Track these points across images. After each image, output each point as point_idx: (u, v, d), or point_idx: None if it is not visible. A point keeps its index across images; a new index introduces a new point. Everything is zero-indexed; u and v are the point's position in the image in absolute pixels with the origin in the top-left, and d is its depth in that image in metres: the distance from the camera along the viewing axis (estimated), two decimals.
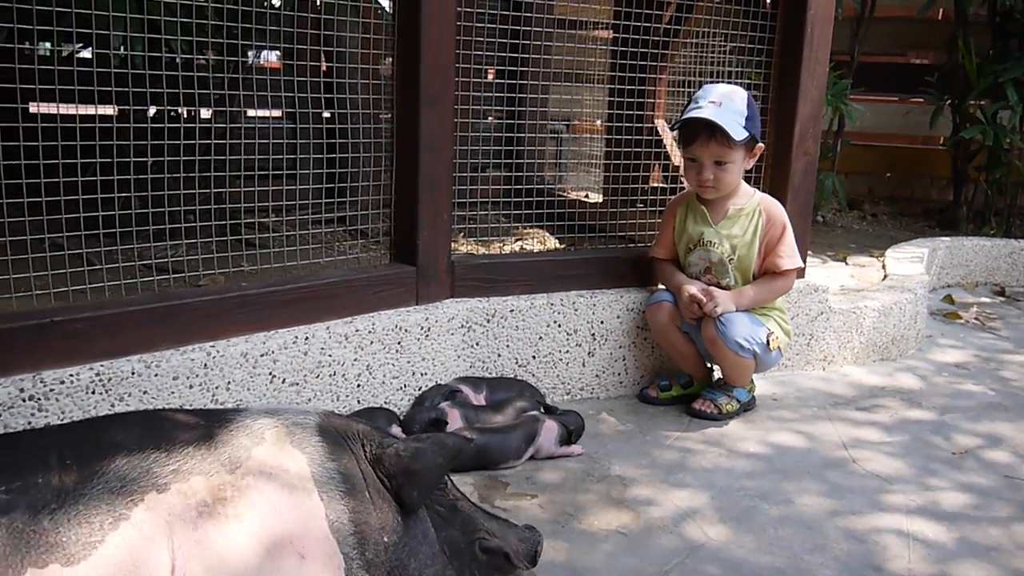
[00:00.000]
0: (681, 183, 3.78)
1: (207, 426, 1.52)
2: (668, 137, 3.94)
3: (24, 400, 1.86)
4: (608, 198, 3.93)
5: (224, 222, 2.71)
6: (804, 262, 2.94)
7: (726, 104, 2.60)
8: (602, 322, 2.80)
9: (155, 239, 2.53)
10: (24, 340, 1.90)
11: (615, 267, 2.91)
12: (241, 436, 1.51)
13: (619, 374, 2.87)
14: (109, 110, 3.40)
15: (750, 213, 2.73)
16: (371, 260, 2.87)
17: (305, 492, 1.48)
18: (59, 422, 1.91)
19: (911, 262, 4.03)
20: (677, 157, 3.90)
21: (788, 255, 2.72)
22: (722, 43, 3.69)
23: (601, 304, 2.80)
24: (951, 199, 5.71)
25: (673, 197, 2.99)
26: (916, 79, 5.68)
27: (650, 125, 3.92)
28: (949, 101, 5.47)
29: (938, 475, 2.41)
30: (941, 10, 6.19)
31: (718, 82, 2.81)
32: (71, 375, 1.92)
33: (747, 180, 2.84)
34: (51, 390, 1.89)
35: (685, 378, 2.85)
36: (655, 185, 3.95)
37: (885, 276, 3.84)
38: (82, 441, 1.41)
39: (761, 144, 2.73)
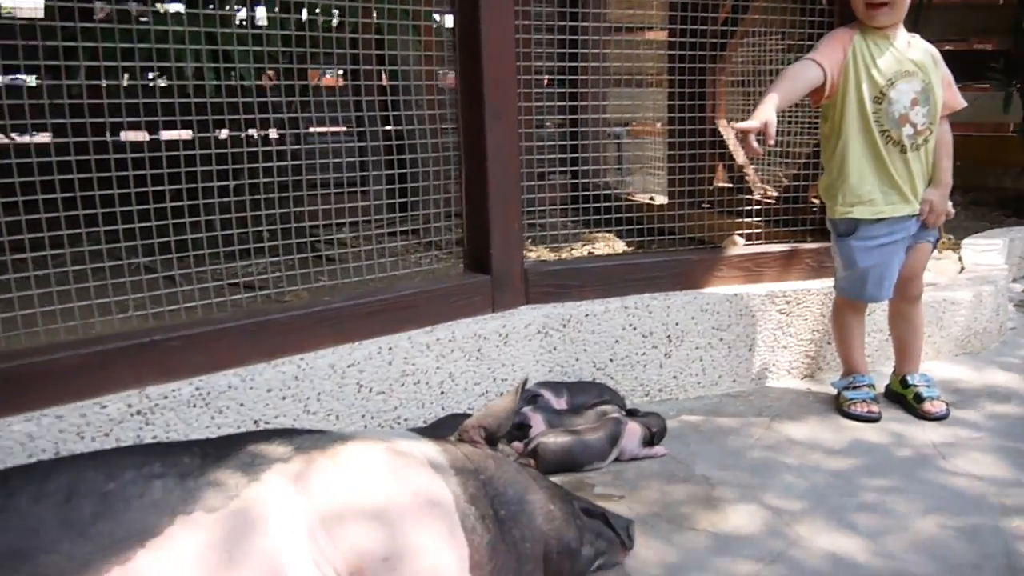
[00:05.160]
0: (746, 182, 3.78)
1: (323, 431, 1.80)
2: (731, 136, 3.93)
3: (132, 415, 1.94)
4: (674, 200, 3.93)
5: (303, 240, 2.77)
6: None
7: None
8: (677, 324, 2.80)
9: (237, 258, 2.61)
10: (128, 358, 1.98)
11: (687, 269, 2.91)
12: (355, 435, 1.76)
13: (696, 375, 2.87)
14: (186, 135, 3.52)
15: (925, 47, 2.61)
16: (445, 270, 2.93)
17: (409, 450, 1.72)
18: (164, 435, 1.98)
19: (989, 253, 3.94)
20: (741, 156, 3.89)
21: (958, 91, 2.67)
22: (779, 40, 3.68)
23: (675, 306, 2.80)
24: None
25: (831, 32, 2.66)
26: (981, 65, 5.56)
27: (711, 126, 3.92)
28: (1017, 86, 5.34)
29: None
30: None
31: None
32: (173, 390, 2.00)
33: None
34: (156, 405, 1.97)
35: (866, 379, 2.78)
36: (720, 185, 3.94)
37: (962, 268, 3.76)
38: (221, 440, 1.69)
39: None
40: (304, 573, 1.48)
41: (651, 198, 4.32)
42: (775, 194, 3.65)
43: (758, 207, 3.34)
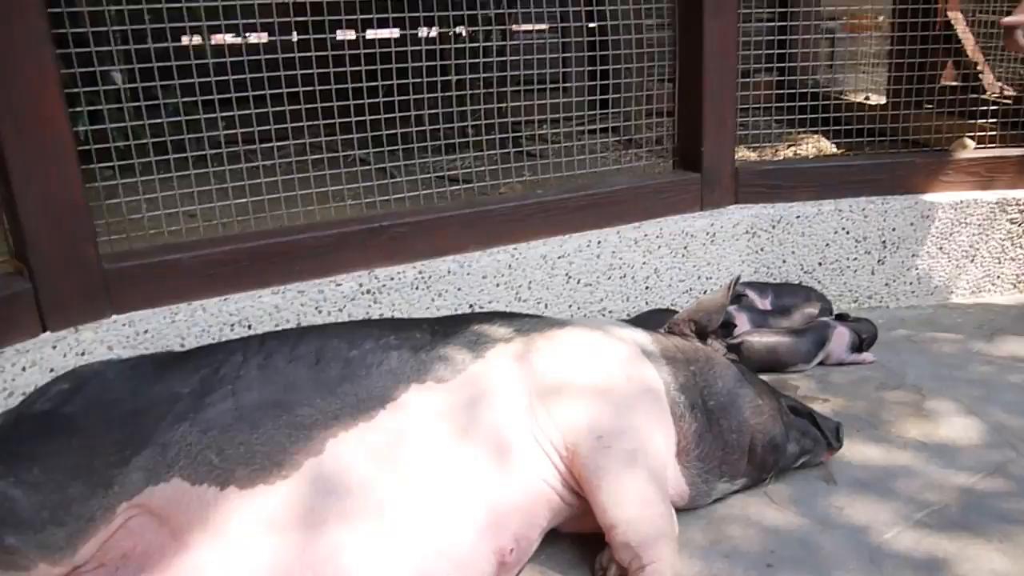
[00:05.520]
0: (979, 80, 3.48)
1: (540, 315, 1.93)
2: (963, 29, 3.60)
3: (362, 293, 2.11)
4: (893, 100, 3.69)
5: (509, 135, 2.84)
6: None
7: None
8: (894, 229, 2.68)
9: (457, 150, 2.71)
10: (360, 242, 2.15)
11: (909, 172, 2.75)
12: (572, 320, 1.87)
13: (911, 284, 2.74)
14: (395, 33, 3.63)
15: None
16: (651, 168, 2.92)
17: (622, 342, 1.78)
18: (390, 314, 2.15)
19: None
20: (972, 52, 3.57)
21: None
22: None
23: (893, 211, 2.67)
24: None
25: None
26: None
27: (943, 19, 3.61)
28: None
29: None
30: None
31: None
32: (398, 272, 2.15)
33: None
34: (383, 285, 2.13)
35: None
36: (948, 84, 3.65)
37: None
38: (447, 320, 1.82)
39: None
40: (524, 445, 1.59)
41: (866, 97, 4.07)
42: (1013, 93, 3.34)
43: (993, 107, 3.08)
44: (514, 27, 3.89)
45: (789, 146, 3.81)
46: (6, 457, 1.50)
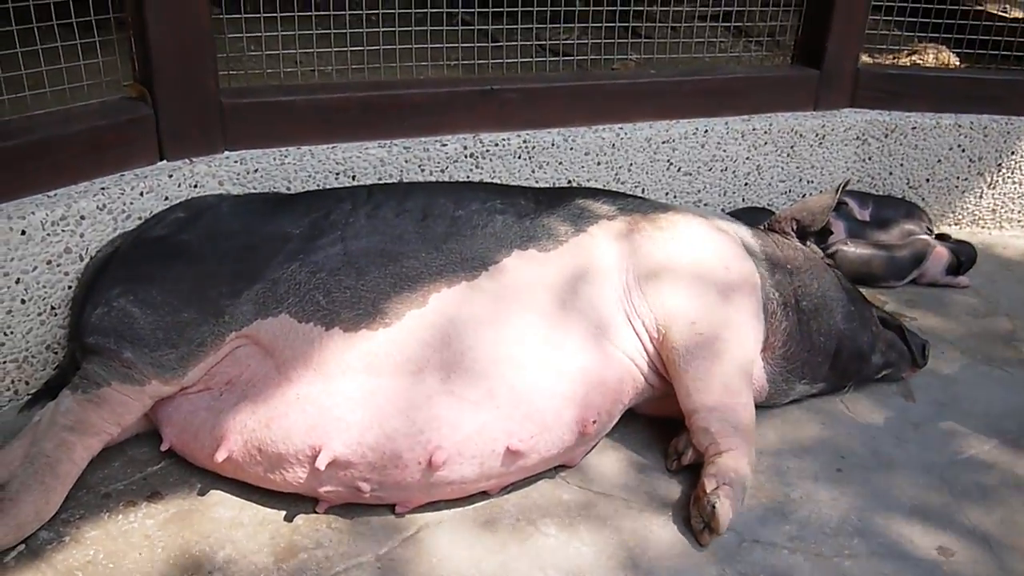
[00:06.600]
0: None
1: (643, 198, 1.93)
2: None
3: (466, 156, 2.12)
4: None
5: (616, 8, 2.74)
6: None
7: None
8: (1013, 153, 2.57)
9: (550, 21, 2.63)
10: (469, 103, 2.14)
11: None
12: (675, 206, 1.86)
13: (1019, 212, 2.65)
14: None
15: None
16: (764, 60, 2.82)
17: (724, 232, 1.79)
18: (491, 179, 2.16)
19: None
20: None
21: None
22: None
23: (1017, 132, 2.55)
24: None
25: None
26: None
27: None
28: None
29: None
30: None
31: None
32: (503, 139, 2.15)
33: None
34: (487, 150, 2.14)
35: None
36: None
37: None
38: (551, 191, 1.85)
39: None
40: (617, 322, 1.63)
41: (1004, 8, 3.82)
42: None
43: None
44: None
45: (909, 54, 3.63)
46: (126, 277, 1.59)
